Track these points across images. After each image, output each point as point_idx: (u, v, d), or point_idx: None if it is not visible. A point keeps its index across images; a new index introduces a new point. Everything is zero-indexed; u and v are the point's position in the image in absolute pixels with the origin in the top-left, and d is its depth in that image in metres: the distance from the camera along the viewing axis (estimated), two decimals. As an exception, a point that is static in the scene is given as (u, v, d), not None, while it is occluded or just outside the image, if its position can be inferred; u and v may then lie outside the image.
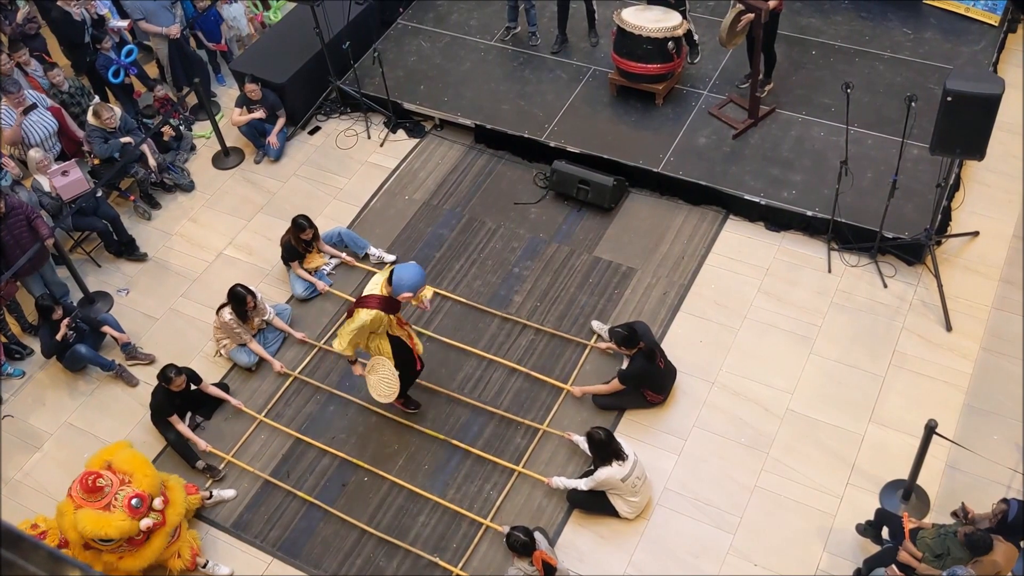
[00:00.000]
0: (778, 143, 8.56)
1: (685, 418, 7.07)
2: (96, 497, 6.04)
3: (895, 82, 8.87)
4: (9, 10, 9.73)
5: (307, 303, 8.18)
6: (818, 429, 6.89)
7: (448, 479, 6.92)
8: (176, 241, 8.96)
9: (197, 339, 8.06)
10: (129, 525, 6.03)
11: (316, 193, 9.18)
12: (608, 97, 9.23)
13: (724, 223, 8.34)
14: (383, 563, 6.56)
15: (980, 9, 9.25)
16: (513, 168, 9.12)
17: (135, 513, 6.06)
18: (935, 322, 7.40)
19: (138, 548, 6.19)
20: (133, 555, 6.20)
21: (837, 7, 9.74)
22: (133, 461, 6.33)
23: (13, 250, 7.73)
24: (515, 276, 8.15)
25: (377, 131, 9.71)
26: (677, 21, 8.56)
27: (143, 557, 6.22)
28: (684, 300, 7.79)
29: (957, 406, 6.89)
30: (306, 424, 7.38)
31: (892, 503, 6.36)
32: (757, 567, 6.27)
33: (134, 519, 6.05)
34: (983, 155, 6.80)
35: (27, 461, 7.44)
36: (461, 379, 7.48)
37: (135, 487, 6.15)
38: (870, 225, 7.71)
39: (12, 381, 7.98)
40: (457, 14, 10.48)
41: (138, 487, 6.16)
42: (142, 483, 6.20)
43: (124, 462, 6.29)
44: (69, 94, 9.28)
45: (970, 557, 5.39)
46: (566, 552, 6.44)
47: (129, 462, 6.31)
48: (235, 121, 9.48)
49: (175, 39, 9.86)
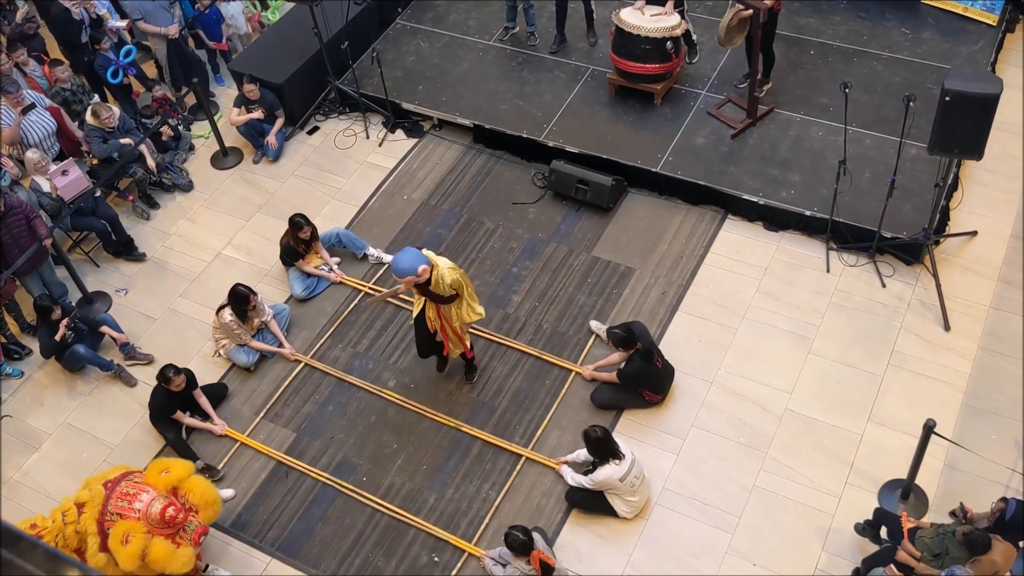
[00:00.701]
0: (777, 143, 8.56)
1: (683, 418, 7.07)
2: (169, 531, 6.01)
3: (893, 82, 8.87)
4: (8, 10, 9.72)
5: (306, 303, 8.18)
6: (817, 429, 6.89)
7: (447, 479, 6.93)
8: (175, 241, 8.96)
9: (196, 339, 8.06)
10: (192, 558, 6.06)
11: (315, 193, 9.18)
12: (606, 97, 9.23)
13: (722, 223, 8.34)
14: (381, 563, 6.56)
15: (978, 9, 9.26)
16: (511, 168, 9.12)
17: (199, 545, 6.13)
18: (933, 322, 7.41)
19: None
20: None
21: (835, 7, 9.75)
22: (206, 495, 6.26)
23: (12, 250, 7.73)
24: (514, 276, 8.15)
25: (376, 131, 9.71)
26: (675, 21, 8.56)
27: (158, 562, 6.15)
28: (682, 300, 7.80)
29: (955, 406, 6.90)
30: (305, 424, 7.38)
31: (891, 503, 6.37)
32: (756, 567, 6.27)
33: (196, 548, 6.12)
34: (981, 155, 6.80)
35: (26, 461, 7.44)
36: (461, 377, 7.49)
37: (200, 519, 6.17)
38: (868, 225, 7.71)
39: (11, 381, 7.97)
40: (456, 14, 10.48)
41: (203, 519, 6.19)
42: (206, 514, 6.23)
43: (196, 495, 6.22)
44: (72, 91, 9.28)
45: (968, 556, 5.39)
46: (564, 552, 6.44)
47: (202, 496, 6.24)
48: (233, 121, 9.48)
49: (173, 39, 9.86)
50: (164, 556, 5.93)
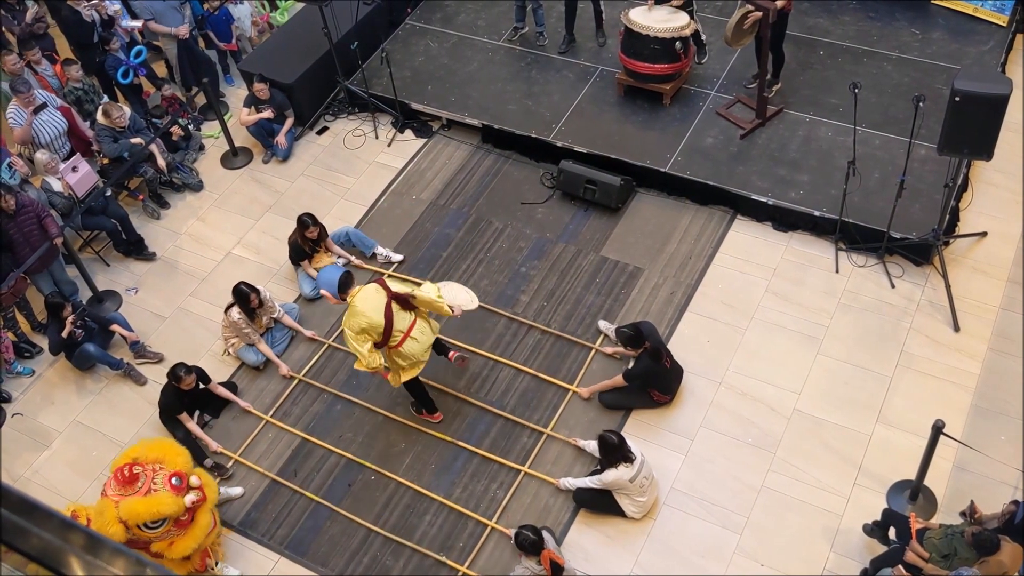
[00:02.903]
0: (786, 143, 8.55)
1: (692, 418, 7.07)
2: (134, 488, 5.98)
3: (903, 82, 8.86)
4: (18, 10, 9.77)
5: (315, 302, 8.20)
6: (825, 429, 6.88)
7: (455, 478, 6.94)
8: (185, 240, 9.00)
9: (205, 338, 8.09)
10: (176, 503, 5.99)
11: (324, 193, 9.21)
12: (615, 97, 9.23)
13: (731, 223, 8.33)
14: (389, 562, 6.58)
15: (988, 9, 9.23)
16: (520, 168, 9.13)
17: (178, 491, 6.03)
18: (943, 322, 7.39)
19: (186, 528, 6.12)
20: (183, 536, 6.11)
21: (845, 7, 9.73)
22: (159, 446, 6.31)
23: (23, 248, 7.78)
24: (522, 276, 8.16)
25: (384, 131, 9.73)
26: (684, 21, 8.56)
27: (193, 536, 6.13)
28: (691, 300, 7.80)
29: (964, 406, 6.88)
30: (313, 423, 7.40)
31: (899, 503, 6.36)
32: (764, 567, 6.27)
33: (178, 496, 6.02)
34: (991, 155, 6.78)
35: (36, 459, 7.48)
36: (468, 379, 7.50)
37: (169, 468, 6.14)
38: (878, 225, 7.70)
39: (22, 379, 8.02)
40: (465, 14, 10.50)
41: (172, 467, 6.15)
42: (175, 463, 6.19)
43: (150, 450, 6.26)
44: (84, 90, 9.32)
45: (977, 558, 5.38)
46: (573, 552, 6.44)
47: (155, 448, 6.28)
48: (243, 121, 9.51)
49: (184, 39, 9.90)
50: (143, 506, 5.90)
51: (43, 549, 1.52)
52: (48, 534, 1.54)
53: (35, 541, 1.53)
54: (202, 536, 6.19)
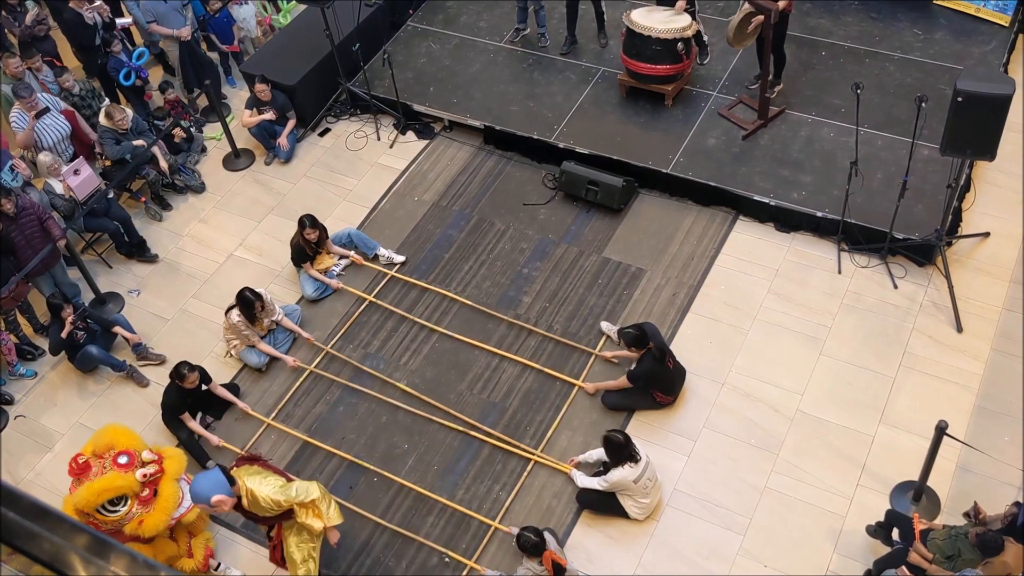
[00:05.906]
0: (788, 144, 8.55)
1: (695, 419, 7.06)
2: (88, 477, 6.04)
3: (905, 83, 8.85)
4: (19, 12, 9.78)
5: (317, 304, 8.20)
6: (828, 430, 6.87)
7: (457, 479, 6.93)
8: (187, 242, 9.00)
9: (208, 340, 8.09)
10: (125, 479, 5.94)
11: (326, 194, 9.21)
12: (617, 98, 9.23)
13: (734, 224, 8.33)
14: (392, 563, 6.57)
15: (991, 10, 9.22)
16: (522, 169, 9.13)
17: (125, 468, 5.98)
18: (945, 323, 7.38)
19: (150, 504, 6.05)
20: (151, 512, 6.03)
21: (847, 8, 9.73)
22: (106, 433, 6.29)
23: (25, 250, 7.78)
24: (524, 277, 8.16)
25: (387, 133, 9.74)
26: (686, 22, 8.56)
27: (162, 509, 6.03)
28: (694, 301, 7.79)
29: (968, 407, 6.87)
30: (316, 425, 7.40)
31: (902, 504, 6.35)
32: (767, 568, 6.26)
33: (127, 472, 5.99)
34: (994, 156, 6.78)
35: (39, 461, 7.48)
36: (470, 379, 7.50)
37: (118, 449, 6.15)
38: (880, 226, 7.69)
39: (24, 381, 8.02)
40: (467, 16, 10.50)
41: (119, 448, 6.14)
42: (122, 443, 6.17)
43: (100, 438, 6.27)
44: (80, 96, 9.32)
45: (981, 559, 5.37)
46: (575, 553, 6.44)
47: (103, 435, 6.27)
48: (245, 123, 9.52)
49: (186, 41, 9.91)
50: (89, 490, 5.87)
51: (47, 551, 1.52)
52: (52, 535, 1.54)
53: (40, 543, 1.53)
54: (171, 507, 6.04)
